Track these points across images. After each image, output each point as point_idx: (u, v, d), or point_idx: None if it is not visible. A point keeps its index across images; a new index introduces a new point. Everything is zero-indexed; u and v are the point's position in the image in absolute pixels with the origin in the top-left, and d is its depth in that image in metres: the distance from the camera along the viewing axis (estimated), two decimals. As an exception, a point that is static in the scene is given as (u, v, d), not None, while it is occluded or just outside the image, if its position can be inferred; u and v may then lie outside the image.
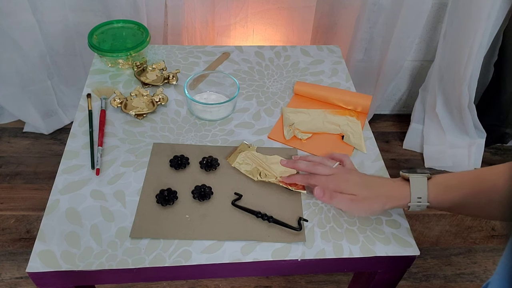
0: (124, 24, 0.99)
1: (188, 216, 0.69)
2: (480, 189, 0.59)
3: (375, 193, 0.65)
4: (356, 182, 0.66)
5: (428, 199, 0.61)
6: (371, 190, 0.65)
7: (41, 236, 0.65)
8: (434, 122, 1.57)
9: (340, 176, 0.67)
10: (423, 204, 0.62)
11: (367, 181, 0.66)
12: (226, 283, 1.23)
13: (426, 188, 0.61)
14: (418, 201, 0.62)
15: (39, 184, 1.43)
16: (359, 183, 0.66)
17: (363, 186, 0.65)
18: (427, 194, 0.61)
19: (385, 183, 0.66)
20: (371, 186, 0.65)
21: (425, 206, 0.62)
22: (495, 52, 1.49)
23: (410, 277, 1.28)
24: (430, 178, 0.63)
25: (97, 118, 0.84)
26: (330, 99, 0.91)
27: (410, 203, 0.62)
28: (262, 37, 1.40)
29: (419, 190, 0.62)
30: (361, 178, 0.67)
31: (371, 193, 0.65)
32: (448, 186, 0.62)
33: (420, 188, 0.62)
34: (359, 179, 0.67)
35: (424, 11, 1.31)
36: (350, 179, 0.67)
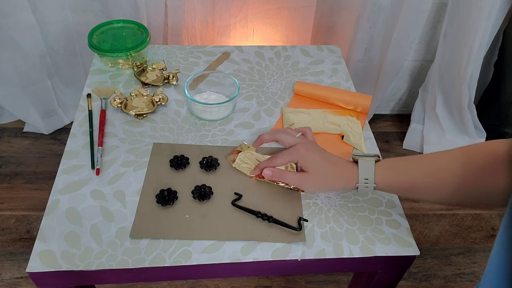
0: (124, 24, 0.99)
1: (188, 216, 0.69)
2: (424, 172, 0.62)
3: (327, 171, 0.68)
4: (315, 154, 0.69)
5: (374, 181, 0.64)
6: (324, 168, 0.68)
7: (41, 236, 0.65)
8: (434, 122, 1.57)
9: (302, 146, 0.70)
10: (370, 185, 0.64)
11: (324, 156, 0.69)
12: (226, 283, 1.23)
13: (373, 170, 0.64)
14: (365, 182, 0.64)
15: (39, 184, 1.43)
16: (318, 156, 0.69)
17: (320, 163, 0.68)
18: (374, 175, 0.63)
19: (338, 163, 0.68)
20: (325, 165, 0.68)
21: (372, 187, 0.64)
22: (495, 52, 1.49)
23: (410, 277, 1.28)
24: (378, 160, 0.65)
25: (97, 118, 0.84)
26: (330, 99, 0.91)
27: (358, 184, 0.64)
28: (262, 37, 1.40)
29: (367, 172, 0.64)
30: (319, 151, 0.70)
31: (323, 172, 0.68)
32: (396, 168, 0.64)
33: (367, 170, 0.64)
34: (318, 152, 0.69)
35: (424, 11, 1.31)
36: (310, 150, 0.69)
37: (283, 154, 0.71)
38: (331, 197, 0.73)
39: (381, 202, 0.73)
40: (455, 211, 1.45)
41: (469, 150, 0.60)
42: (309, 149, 0.69)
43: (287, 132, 0.74)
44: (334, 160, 0.69)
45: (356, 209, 0.72)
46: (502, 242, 0.37)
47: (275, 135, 0.75)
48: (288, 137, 0.73)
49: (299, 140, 0.72)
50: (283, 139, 0.73)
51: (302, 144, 0.70)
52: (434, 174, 0.61)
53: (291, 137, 0.73)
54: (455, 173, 0.59)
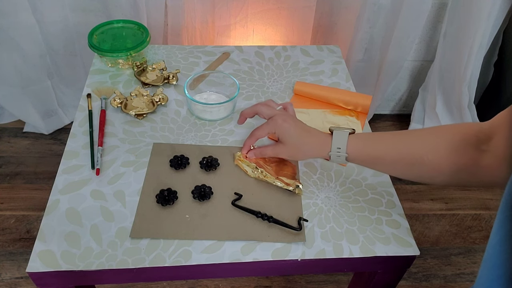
0: (124, 24, 0.99)
1: (188, 216, 0.69)
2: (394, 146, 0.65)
3: (301, 141, 0.71)
4: (291, 125, 0.71)
5: (346, 150, 0.66)
6: (298, 137, 0.71)
7: (41, 236, 0.65)
8: (434, 122, 1.57)
9: (279, 117, 0.72)
10: (342, 154, 0.67)
11: (301, 126, 0.72)
12: (226, 283, 1.23)
13: (346, 140, 0.67)
14: (338, 151, 0.67)
15: (39, 184, 1.43)
16: (294, 127, 0.71)
17: (295, 132, 0.71)
18: (346, 145, 0.66)
19: (313, 133, 0.71)
20: (302, 133, 0.71)
21: (344, 157, 0.67)
22: (495, 52, 1.49)
23: (410, 277, 1.28)
24: (352, 133, 0.68)
25: (97, 118, 0.84)
26: (330, 99, 0.91)
27: (330, 153, 0.68)
28: (262, 37, 1.40)
29: (340, 142, 0.67)
30: (296, 123, 0.72)
31: (297, 141, 0.71)
32: (367, 140, 0.67)
33: (340, 140, 0.67)
34: (295, 123, 0.72)
35: (424, 11, 1.31)
36: (287, 121, 0.72)
37: (262, 125, 0.74)
38: (331, 197, 0.73)
39: (381, 202, 0.73)
40: (455, 211, 1.45)
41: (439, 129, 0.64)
42: (286, 120, 0.72)
43: (267, 104, 0.76)
44: (309, 130, 0.72)
45: (356, 209, 0.72)
46: (499, 241, 0.37)
47: (255, 108, 0.77)
48: (268, 109, 0.75)
49: (278, 112, 0.74)
50: (263, 111, 0.75)
51: (280, 116, 0.73)
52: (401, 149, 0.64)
53: (271, 109, 0.75)
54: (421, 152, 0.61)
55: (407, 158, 0.63)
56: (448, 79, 1.46)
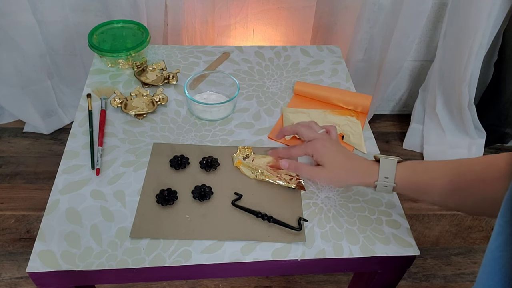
0: (124, 24, 0.99)
1: (188, 216, 0.69)
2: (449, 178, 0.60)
3: (346, 166, 0.67)
4: (332, 150, 0.69)
5: (394, 180, 0.63)
6: (342, 163, 0.68)
7: (41, 236, 0.65)
8: (434, 122, 1.57)
9: (318, 142, 0.70)
10: (389, 184, 0.63)
11: (342, 153, 0.69)
12: (226, 283, 1.23)
13: (394, 169, 0.63)
14: (385, 181, 0.63)
15: (39, 184, 1.43)
16: (334, 152, 0.68)
17: (336, 157, 0.68)
18: (395, 174, 0.63)
19: (357, 159, 0.68)
20: (343, 159, 0.68)
21: (391, 187, 0.64)
22: (495, 52, 1.49)
23: (410, 277, 1.28)
24: (400, 162, 0.65)
25: (97, 118, 0.84)
26: (330, 99, 0.91)
27: (377, 182, 0.64)
28: (262, 37, 1.40)
29: (388, 170, 0.63)
30: (338, 149, 0.70)
31: (339, 166, 0.67)
32: (417, 170, 0.63)
33: (388, 169, 0.64)
34: (336, 149, 0.69)
35: (424, 11, 1.31)
36: (327, 146, 0.69)
37: (300, 146, 0.72)
38: (331, 197, 0.73)
39: (381, 202, 0.73)
40: (455, 211, 1.45)
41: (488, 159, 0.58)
42: (325, 145, 0.69)
43: (310, 126, 0.74)
44: (353, 156, 0.69)
45: (356, 209, 0.72)
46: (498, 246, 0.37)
47: (297, 128, 0.75)
48: (309, 132, 0.73)
49: (318, 136, 0.71)
50: (303, 133, 0.73)
51: (319, 140, 0.70)
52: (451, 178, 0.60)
53: (312, 132, 0.73)
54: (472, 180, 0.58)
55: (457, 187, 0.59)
56: (448, 79, 1.46)
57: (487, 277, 0.38)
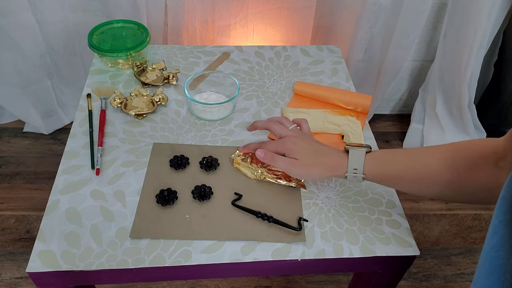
0: (124, 24, 0.99)
1: (188, 216, 0.69)
2: (412, 166, 0.63)
3: (316, 161, 0.68)
4: (302, 147, 0.69)
5: (363, 171, 0.64)
6: (313, 157, 0.68)
7: (41, 236, 0.65)
8: (434, 122, 1.57)
9: (289, 139, 0.70)
10: (358, 175, 0.65)
11: (312, 148, 0.70)
12: (226, 283, 1.23)
13: (363, 161, 0.64)
14: (354, 172, 0.65)
15: (39, 184, 1.43)
16: (305, 149, 0.69)
17: (307, 153, 0.69)
18: (363, 166, 0.64)
19: (328, 152, 0.69)
20: (314, 154, 0.69)
21: (360, 177, 0.65)
22: (495, 52, 1.49)
23: (410, 277, 1.28)
24: (368, 152, 0.66)
25: (97, 118, 0.84)
26: (330, 99, 0.91)
27: (347, 174, 0.65)
28: (262, 37, 1.40)
29: (356, 162, 0.65)
30: (308, 144, 0.70)
31: (312, 161, 0.68)
32: (384, 160, 0.65)
33: (357, 160, 0.65)
34: (306, 145, 0.70)
35: (424, 11, 1.31)
36: (297, 143, 0.70)
37: (272, 142, 0.73)
38: (331, 197, 0.73)
39: (381, 202, 0.73)
40: (455, 211, 1.45)
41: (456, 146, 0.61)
42: (296, 143, 0.70)
43: (280, 122, 0.75)
44: (323, 150, 0.69)
45: (356, 209, 0.72)
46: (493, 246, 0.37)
47: (268, 124, 0.76)
48: (280, 129, 0.73)
49: (289, 133, 0.72)
50: (275, 129, 0.74)
51: (290, 138, 0.71)
52: (419, 169, 0.62)
53: (283, 128, 0.73)
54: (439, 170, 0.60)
55: (425, 177, 0.61)
56: (448, 79, 1.46)
57: (483, 277, 0.38)
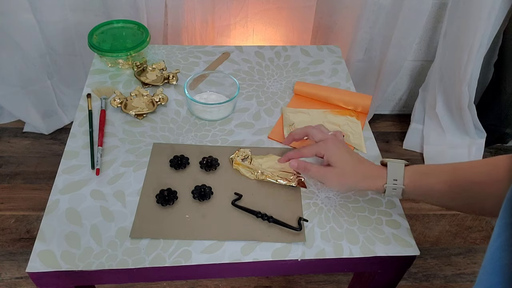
0: (124, 24, 0.99)
1: (188, 216, 0.69)
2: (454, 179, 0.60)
3: (355, 168, 0.66)
4: (344, 151, 0.68)
5: (403, 182, 0.63)
6: (352, 165, 0.67)
7: (41, 236, 0.65)
8: (434, 122, 1.57)
9: (332, 142, 0.69)
10: (398, 186, 0.63)
11: (352, 155, 0.68)
12: (226, 283, 1.23)
13: (402, 172, 0.63)
14: (394, 183, 0.63)
15: (39, 184, 1.43)
16: (346, 153, 0.68)
17: (347, 159, 0.67)
18: (403, 177, 0.63)
19: (367, 163, 0.68)
20: (353, 161, 0.67)
21: (400, 189, 0.63)
22: (495, 52, 1.49)
23: (410, 277, 1.28)
24: (408, 165, 0.65)
25: (97, 118, 0.84)
26: (330, 99, 0.91)
27: (386, 185, 0.64)
28: (262, 37, 1.40)
29: (396, 173, 0.63)
30: (349, 150, 0.69)
31: (351, 168, 0.67)
32: (424, 173, 0.64)
33: (397, 171, 0.63)
34: (347, 150, 0.69)
35: (424, 11, 1.31)
36: (340, 147, 0.69)
37: (311, 145, 0.71)
38: (331, 197, 0.73)
39: (381, 202, 0.73)
40: (456, 211, 1.45)
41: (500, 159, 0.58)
42: (338, 146, 0.69)
43: (319, 128, 0.74)
44: (364, 160, 0.68)
45: (356, 209, 0.72)
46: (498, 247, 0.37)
47: (306, 129, 0.74)
48: (319, 133, 0.72)
49: (330, 137, 0.71)
50: (314, 133, 0.73)
51: (332, 140, 0.70)
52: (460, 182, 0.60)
53: (323, 133, 0.72)
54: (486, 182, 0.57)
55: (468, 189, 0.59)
56: (448, 79, 1.46)
57: (487, 278, 0.38)
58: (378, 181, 0.64)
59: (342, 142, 0.71)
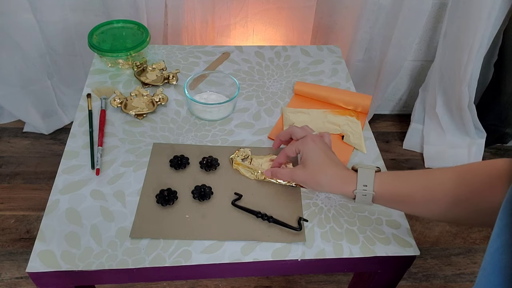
0: (124, 24, 0.99)
1: (188, 216, 0.69)
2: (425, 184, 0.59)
3: (324, 170, 0.65)
4: (321, 149, 0.67)
5: (373, 188, 0.62)
6: (325, 165, 0.65)
7: (41, 236, 0.65)
8: (434, 122, 1.57)
9: (311, 138, 0.68)
10: (368, 192, 0.62)
11: (328, 155, 0.67)
12: (226, 283, 1.23)
13: (372, 178, 0.62)
14: (364, 189, 0.62)
15: (39, 184, 1.43)
16: (322, 151, 0.67)
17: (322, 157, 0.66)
18: (373, 183, 0.62)
19: (341, 167, 0.66)
20: (328, 161, 0.66)
21: (370, 195, 0.62)
22: (495, 52, 1.49)
23: (410, 277, 1.28)
24: (378, 171, 0.64)
25: (97, 118, 0.84)
26: (330, 99, 0.91)
27: (355, 191, 0.62)
28: (262, 37, 1.40)
29: (366, 179, 0.62)
30: (326, 149, 0.68)
31: (319, 168, 0.65)
32: (394, 178, 0.62)
33: (366, 177, 0.62)
34: (324, 149, 0.67)
35: (424, 11, 1.31)
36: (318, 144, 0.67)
37: (292, 143, 0.71)
38: (331, 197, 0.73)
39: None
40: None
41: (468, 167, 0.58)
42: (316, 142, 0.68)
43: (303, 127, 0.73)
44: (335, 160, 0.67)
45: (356, 209, 0.72)
46: (497, 248, 0.36)
47: (289, 129, 0.74)
48: (301, 131, 0.71)
49: (310, 134, 0.70)
50: (297, 131, 0.72)
51: (311, 137, 0.69)
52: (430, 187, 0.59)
53: (305, 131, 0.71)
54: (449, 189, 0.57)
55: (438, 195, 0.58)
56: (448, 79, 1.46)
57: (486, 279, 0.37)
58: (348, 186, 0.63)
59: (322, 141, 0.69)
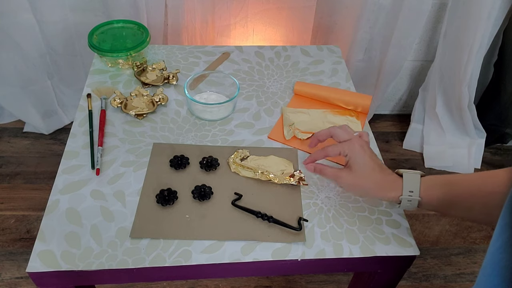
0: (124, 24, 0.99)
1: (188, 216, 0.69)
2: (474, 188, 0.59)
3: (371, 175, 0.65)
4: (368, 155, 0.66)
5: (419, 194, 0.61)
6: (370, 170, 0.65)
7: (41, 236, 0.65)
8: (434, 122, 1.57)
9: (358, 142, 0.68)
10: (414, 198, 0.62)
11: (374, 160, 0.66)
12: (226, 283, 1.23)
13: (418, 183, 0.62)
14: (410, 195, 0.62)
15: (39, 184, 1.43)
16: (369, 158, 0.66)
17: (369, 163, 0.66)
18: (419, 188, 0.61)
19: (386, 171, 0.66)
20: (375, 168, 0.65)
21: (416, 201, 0.62)
22: (495, 52, 1.49)
23: (410, 277, 1.28)
24: (423, 176, 0.63)
25: (97, 118, 0.84)
26: (330, 99, 0.91)
27: (401, 197, 0.62)
28: (262, 37, 1.40)
29: (412, 184, 0.62)
30: (373, 155, 0.67)
31: (367, 173, 0.65)
32: (440, 184, 0.62)
33: (412, 183, 0.62)
34: (371, 155, 0.67)
35: (424, 11, 1.31)
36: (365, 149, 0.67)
37: (336, 144, 0.70)
38: (331, 197, 0.73)
39: (381, 202, 0.73)
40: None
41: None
42: (363, 147, 0.67)
43: (344, 128, 0.72)
44: (383, 168, 0.66)
45: (356, 209, 0.72)
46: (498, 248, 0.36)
47: (330, 129, 0.73)
48: (345, 133, 0.71)
49: (355, 137, 0.70)
50: (339, 133, 0.71)
51: (358, 141, 0.68)
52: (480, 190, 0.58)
53: (348, 133, 0.71)
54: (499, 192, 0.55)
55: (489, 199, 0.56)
56: (448, 79, 1.46)
57: (486, 279, 0.37)
58: (394, 192, 0.63)
59: (367, 144, 0.69)
